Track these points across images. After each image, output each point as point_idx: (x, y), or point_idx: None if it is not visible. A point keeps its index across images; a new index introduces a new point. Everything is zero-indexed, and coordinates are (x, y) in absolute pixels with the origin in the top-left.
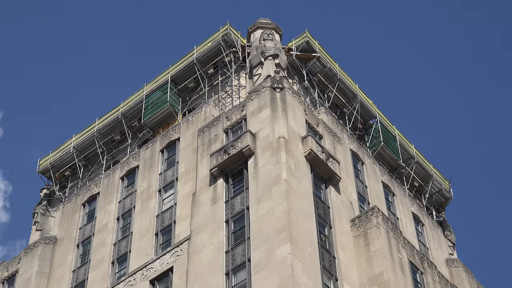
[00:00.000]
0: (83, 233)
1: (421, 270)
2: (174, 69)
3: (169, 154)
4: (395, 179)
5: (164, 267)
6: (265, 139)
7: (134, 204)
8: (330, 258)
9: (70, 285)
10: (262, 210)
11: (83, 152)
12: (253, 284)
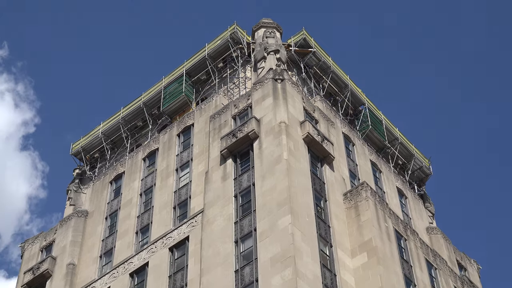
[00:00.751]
0: (110, 207)
1: (405, 237)
2: (188, 63)
3: (184, 137)
4: (382, 158)
5: (181, 236)
6: (268, 124)
7: (155, 182)
8: (325, 227)
9: (99, 252)
10: (266, 186)
11: (110, 136)
12: (259, 250)
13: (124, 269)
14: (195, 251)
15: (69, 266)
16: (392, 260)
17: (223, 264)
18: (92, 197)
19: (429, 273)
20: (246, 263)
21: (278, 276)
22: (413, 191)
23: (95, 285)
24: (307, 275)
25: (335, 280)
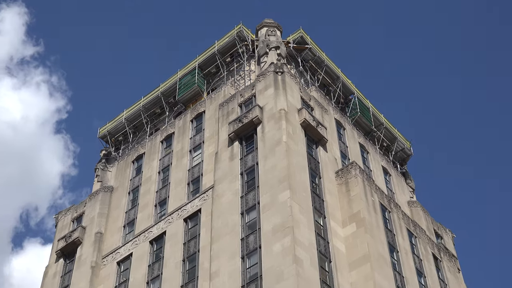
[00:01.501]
0: (132, 183)
1: (389, 209)
2: (200, 58)
3: (197, 123)
4: (369, 141)
5: (194, 208)
6: (270, 111)
7: (171, 161)
8: (319, 201)
9: (123, 223)
10: (268, 165)
11: (132, 122)
12: (262, 221)
13: (145, 237)
14: (206, 222)
15: (97, 235)
16: (378, 230)
17: (231, 233)
18: (117, 174)
19: (410, 241)
20: (250, 232)
21: (279, 243)
22: (396, 169)
23: (120, 251)
24: (303, 242)
25: (328, 247)
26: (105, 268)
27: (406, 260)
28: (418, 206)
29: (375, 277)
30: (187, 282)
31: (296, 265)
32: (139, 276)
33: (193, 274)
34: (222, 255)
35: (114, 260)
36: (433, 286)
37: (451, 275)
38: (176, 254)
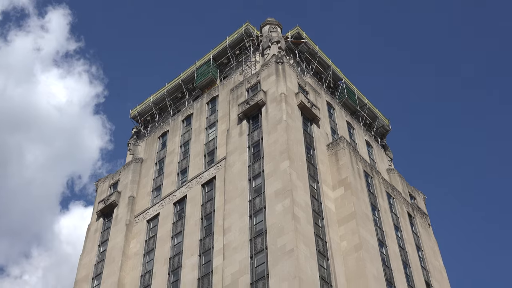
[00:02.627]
0: (159, 156)
1: (371, 175)
2: (214, 51)
3: (212, 105)
4: (354, 119)
5: (210, 176)
6: (272, 95)
7: (191, 137)
8: (313, 169)
9: (151, 188)
10: (271, 140)
11: (158, 104)
12: (266, 186)
13: (169, 200)
14: (220, 187)
15: (130, 198)
16: (362, 192)
17: (240, 196)
18: (146, 148)
19: (389, 201)
20: (256, 195)
21: (280, 204)
22: (377, 142)
23: (149, 211)
24: (300, 203)
25: (321, 207)
26: (137, 225)
27: (386, 217)
28: (395, 173)
29: (360, 231)
30: (204, 237)
31: (294, 222)
32: (165, 232)
33: (210, 230)
34: (233, 214)
35: (144, 219)
36: (407, 238)
37: (422, 229)
38: (195, 213)
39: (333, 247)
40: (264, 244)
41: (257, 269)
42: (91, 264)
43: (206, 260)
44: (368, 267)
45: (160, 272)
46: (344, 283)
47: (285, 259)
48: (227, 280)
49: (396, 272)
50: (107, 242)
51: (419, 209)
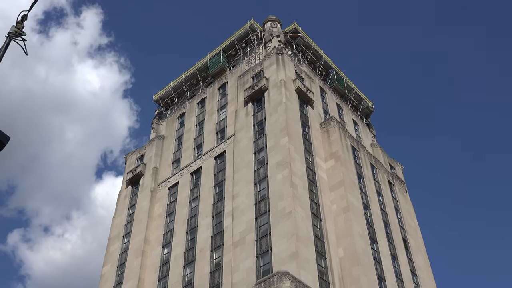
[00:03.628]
0: (178, 133)
1: (357, 149)
2: (224, 44)
3: (222, 90)
4: (343, 101)
5: (221, 150)
6: (273, 81)
7: (204, 117)
8: (308, 144)
9: (172, 160)
10: (272, 119)
11: (176, 90)
12: (268, 158)
13: (187, 170)
14: (230, 159)
15: (154, 169)
16: (350, 163)
17: (247, 167)
18: (167, 127)
19: (372, 171)
20: (260, 166)
21: (280, 174)
22: (362, 121)
23: (170, 180)
24: (297, 173)
25: (314, 176)
26: (160, 192)
27: (369, 184)
28: (377, 147)
29: (347, 196)
30: (216, 201)
31: (292, 189)
32: (183, 197)
33: (221, 195)
34: (241, 182)
35: (166, 186)
36: (388, 202)
37: (400, 195)
38: (209, 182)
39: (325, 209)
40: (267, 207)
41: (261, 228)
42: (122, 224)
43: (218, 221)
44: (355, 226)
45: (179, 231)
46: (334, 240)
47: (285, 220)
48: (236, 237)
49: (378, 230)
50: (135, 206)
51: (397, 177)
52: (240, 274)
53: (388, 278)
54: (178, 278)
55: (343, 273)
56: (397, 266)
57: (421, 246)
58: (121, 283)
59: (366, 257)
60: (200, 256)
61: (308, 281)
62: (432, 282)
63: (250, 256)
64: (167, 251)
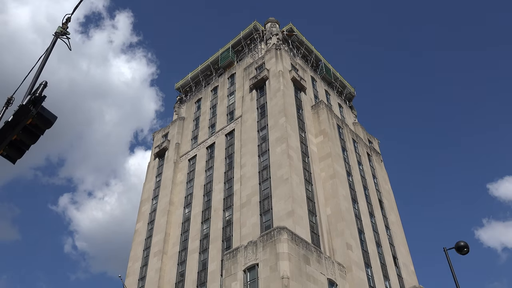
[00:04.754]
0: (195, 115)
1: (342, 127)
2: (232, 42)
3: (231, 80)
4: (330, 88)
5: (231, 128)
6: (273, 72)
7: (217, 102)
8: (302, 122)
9: (191, 137)
10: (272, 103)
11: (194, 79)
12: (269, 135)
13: (203, 145)
14: (238, 136)
15: (176, 144)
16: (336, 138)
17: (252, 142)
18: (186, 110)
19: (354, 145)
20: (263, 141)
21: (279, 147)
22: (346, 104)
23: (189, 153)
24: (293, 147)
25: (307, 149)
26: (181, 163)
27: (352, 156)
28: (358, 125)
29: (334, 165)
30: (227, 170)
31: (289, 159)
32: (200, 167)
33: (231, 165)
34: (247, 154)
35: (186, 158)
36: (366, 170)
37: (377, 164)
38: (221, 154)
39: (315, 176)
40: (268, 174)
41: (263, 192)
42: (151, 189)
43: (229, 186)
44: (339, 190)
45: (198, 194)
46: (323, 200)
47: (283, 185)
48: (243, 199)
49: (358, 193)
50: (161, 175)
51: (374, 150)
52: (247, 228)
53: (366, 231)
54: (197, 232)
55: (330, 227)
56: (374, 221)
57: (393, 206)
58: (151, 237)
59: (349, 215)
60: (215, 214)
61: (301, 234)
62: (402, 234)
63: (255, 214)
64: (188, 211)
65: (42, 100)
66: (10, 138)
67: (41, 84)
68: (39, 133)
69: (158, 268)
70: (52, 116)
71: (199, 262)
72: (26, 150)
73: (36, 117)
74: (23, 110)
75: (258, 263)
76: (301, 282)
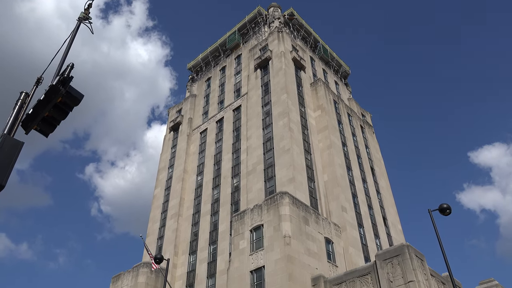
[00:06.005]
0: (206, 92)
1: (338, 102)
2: (238, 25)
3: (238, 60)
4: (327, 67)
5: (237, 104)
6: (275, 52)
7: (225, 80)
8: (302, 98)
9: (202, 112)
10: (275, 81)
11: (204, 60)
12: (272, 110)
13: (213, 120)
14: (244, 111)
15: (189, 119)
16: (332, 113)
17: (256, 116)
18: (198, 88)
19: (348, 118)
20: (266, 116)
21: (281, 121)
22: (341, 81)
23: (201, 127)
24: (294, 120)
25: (306, 122)
26: (194, 136)
27: (346, 128)
28: (352, 100)
29: (330, 137)
30: (235, 142)
31: (290, 132)
32: (211, 139)
33: (238, 137)
34: (252, 127)
35: (198, 131)
36: (360, 141)
37: (369, 135)
38: (229, 127)
39: (314, 147)
40: (272, 145)
41: (267, 161)
42: (167, 159)
43: (236, 156)
44: (335, 159)
45: (209, 164)
46: (320, 168)
47: (285, 155)
48: (249, 167)
49: (352, 161)
50: (176, 146)
51: (367, 123)
52: (253, 193)
53: (359, 195)
54: (208, 197)
55: (327, 192)
56: (366, 186)
57: (383, 172)
58: (168, 201)
59: (344, 181)
60: (224, 181)
61: (301, 198)
62: (391, 198)
63: (260, 181)
64: (200, 178)
65: (70, 80)
66: (42, 114)
67: (69, 66)
68: (68, 110)
69: (174, 229)
70: (79, 95)
71: (210, 223)
72: (57, 125)
73: (65, 95)
74: (54, 89)
75: (263, 223)
76: (301, 240)
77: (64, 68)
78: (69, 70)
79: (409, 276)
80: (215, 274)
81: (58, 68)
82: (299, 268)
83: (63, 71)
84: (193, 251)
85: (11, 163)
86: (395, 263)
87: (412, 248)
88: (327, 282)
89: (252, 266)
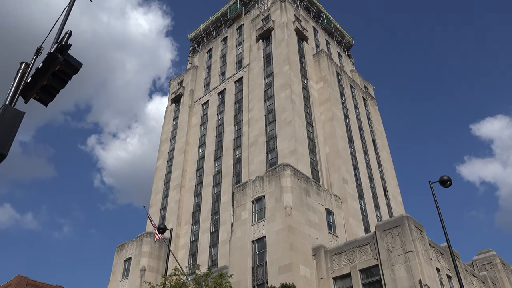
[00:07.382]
0: (207, 64)
1: (340, 74)
2: None
3: (239, 31)
4: (330, 38)
5: (239, 75)
6: (278, 22)
7: (227, 51)
8: (304, 70)
9: (204, 83)
10: (277, 52)
11: (205, 30)
12: (274, 81)
13: (215, 91)
14: (246, 83)
15: (190, 91)
16: (334, 85)
17: (259, 88)
18: (199, 59)
19: (351, 90)
20: (268, 87)
21: (283, 93)
22: (344, 53)
23: (202, 98)
24: (296, 92)
25: (308, 94)
26: (195, 107)
27: (349, 100)
28: (355, 72)
29: (332, 109)
30: (237, 114)
31: (292, 104)
32: (213, 111)
33: (240, 109)
34: (254, 99)
35: (200, 103)
36: (362, 113)
37: (371, 107)
38: (231, 99)
39: (316, 119)
40: (274, 117)
41: (269, 133)
42: (169, 131)
43: (238, 128)
44: (337, 131)
45: (211, 135)
46: (322, 140)
47: (286, 127)
48: (251, 139)
49: (354, 133)
50: (177, 118)
51: (369, 94)
52: (255, 165)
53: (360, 167)
54: (210, 169)
55: (328, 164)
56: (367, 159)
57: (385, 144)
58: (170, 173)
59: (345, 153)
60: (226, 153)
61: (303, 170)
62: (392, 170)
63: (261, 153)
64: (202, 150)
65: (68, 48)
66: (41, 83)
67: (66, 33)
68: (67, 79)
69: (177, 200)
70: (78, 63)
71: (213, 195)
72: (56, 94)
73: (63, 63)
74: (52, 57)
75: (264, 195)
76: (302, 211)
77: (62, 36)
78: (67, 37)
79: (408, 246)
80: (217, 244)
81: (56, 37)
82: (300, 238)
83: (61, 39)
84: (195, 222)
85: (12, 133)
86: (394, 234)
87: (411, 219)
88: (328, 252)
89: (254, 236)
